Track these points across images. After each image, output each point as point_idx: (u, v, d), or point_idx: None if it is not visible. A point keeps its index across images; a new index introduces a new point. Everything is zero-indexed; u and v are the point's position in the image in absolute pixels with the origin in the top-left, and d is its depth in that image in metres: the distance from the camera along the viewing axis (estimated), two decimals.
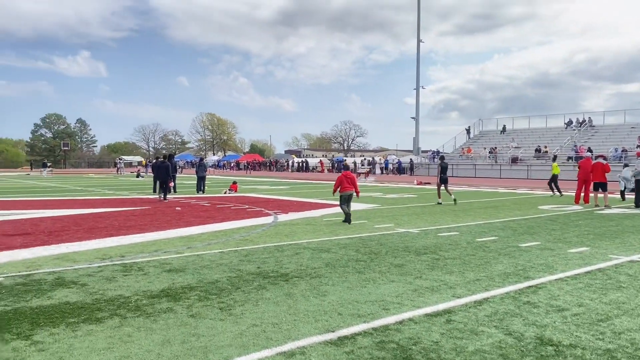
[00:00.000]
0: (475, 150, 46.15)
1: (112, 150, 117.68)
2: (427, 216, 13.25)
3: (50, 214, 13.38)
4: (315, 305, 5.08)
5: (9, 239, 9.31)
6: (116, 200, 18.32)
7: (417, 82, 52.20)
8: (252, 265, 7.00)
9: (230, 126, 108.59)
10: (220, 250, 8.10)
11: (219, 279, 6.15)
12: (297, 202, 17.47)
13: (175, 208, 15.23)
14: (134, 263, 7.12)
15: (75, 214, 13.60)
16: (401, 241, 9.13)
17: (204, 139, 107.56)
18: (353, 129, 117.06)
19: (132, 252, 7.96)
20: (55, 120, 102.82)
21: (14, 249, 8.26)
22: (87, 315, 4.71)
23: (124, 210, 14.53)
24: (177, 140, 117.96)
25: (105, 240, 9.12)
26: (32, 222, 11.68)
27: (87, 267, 6.84)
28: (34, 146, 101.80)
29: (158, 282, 6.00)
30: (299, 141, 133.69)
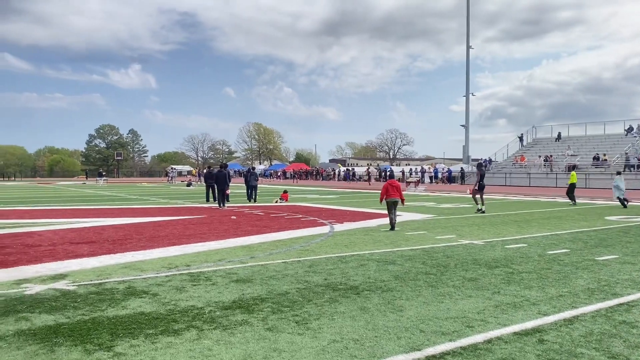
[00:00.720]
0: (529, 159, 44.71)
1: (162, 159, 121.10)
2: (489, 227, 12.77)
3: (111, 223, 13.69)
4: (394, 320, 4.86)
5: (76, 246, 9.52)
6: (172, 209, 18.63)
7: (467, 89, 51.18)
8: (318, 276, 6.84)
9: (276, 135, 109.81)
10: (284, 261, 7.99)
11: (288, 291, 6.02)
12: (350, 212, 17.27)
13: (231, 217, 15.31)
14: (201, 273, 7.10)
15: (135, 222, 13.86)
16: (468, 253, 8.78)
17: (250, 148, 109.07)
18: (399, 138, 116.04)
19: (196, 261, 7.96)
20: (108, 131, 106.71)
21: (82, 257, 8.41)
22: (164, 327, 4.66)
23: (181, 219, 14.72)
24: (224, 149, 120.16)
25: (168, 249, 9.19)
26: (95, 231, 11.96)
27: (156, 277, 6.86)
28: (88, 156, 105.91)
29: (228, 293, 5.92)
30: (344, 150, 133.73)
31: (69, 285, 6.34)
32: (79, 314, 5.07)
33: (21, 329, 4.60)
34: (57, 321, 4.82)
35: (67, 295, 5.80)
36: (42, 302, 5.50)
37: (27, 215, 16.04)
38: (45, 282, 6.53)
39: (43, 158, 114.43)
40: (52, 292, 5.95)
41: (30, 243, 9.93)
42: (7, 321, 4.83)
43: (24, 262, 7.93)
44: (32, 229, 12.24)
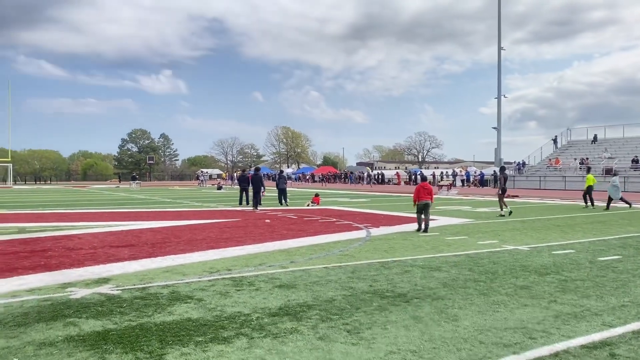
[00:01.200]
0: (564, 161, 43.58)
1: (192, 163, 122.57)
2: (531, 232, 12.37)
3: (148, 226, 13.76)
4: (450, 331, 4.64)
5: (116, 250, 9.56)
6: (206, 212, 18.70)
7: (499, 91, 50.23)
8: (363, 283, 6.65)
9: (304, 139, 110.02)
10: (325, 266, 7.83)
11: (334, 297, 5.85)
12: (385, 216, 17.02)
13: (265, 220, 15.25)
14: (243, 277, 6.99)
15: (171, 225, 13.91)
16: (514, 260, 8.46)
17: (278, 151, 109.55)
18: (428, 140, 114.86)
19: (237, 266, 7.86)
20: (140, 135, 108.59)
21: (124, 260, 8.42)
22: (213, 334, 4.54)
23: (217, 222, 14.72)
24: (253, 153, 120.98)
25: (207, 253, 9.13)
26: (133, 234, 12.02)
27: (198, 281, 6.78)
28: (121, 160, 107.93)
29: (273, 299, 5.79)
30: (371, 153, 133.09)
31: (113, 289, 6.31)
32: (126, 319, 5.00)
33: (70, 334, 4.55)
34: (105, 327, 4.76)
35: (112, 300, 5.76)
36: (88, 307, 5.46)
37: (66, 218, 16.29)
38: (89, 286, 6.52)
39: (77, 162, 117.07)
40: (97, 297, 5.92)
41: (71, 246, 10.01)
42: (56, 326, 4.79)
43: (67, 265, 7.97)
44: (71, 232, 12.38)
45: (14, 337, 4.47)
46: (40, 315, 5.14)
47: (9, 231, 12.50)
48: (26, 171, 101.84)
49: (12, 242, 10.52)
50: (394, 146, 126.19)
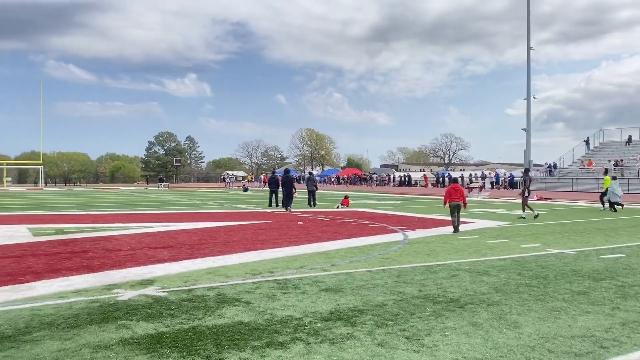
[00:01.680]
0: (597, 163, 42.52)
1: (217, 165, 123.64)
2: (573, 235, 12.00)
3: (182, 227, 13.80)
4: (514, 338, 4.44)
5: (155, 251, 9.55)
6: (237, 214, 18.70)
7: (528, 92, 49.25)
8: (411, 287, 6.47)
9: (328, 141, 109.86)
10: (368, 269, 7.67)
11: (385, 302, 5.69)
12: (418, 218, 16.76)
13: (298, 222, 15.15)
14: (287, 280, 6.88)
15: (205, 227, 13.92)
16: (563, 264, 8.17)
17: (302, 154, 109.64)
18: (454, 142, 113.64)
19: (278, 268, 7.76)
20: (167, 138, 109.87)
21: (164, 262, 8.40)
22: (268, 339, 4.43)
23: (250, 224, 14.69)
24: (277, 155, 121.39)
25: (246, 255, 9.06)
26: (169, 235, 12.04)
27: (243, 283, 6.69)
28: (148, 162, 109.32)
29: (322, 303, 5.66)
30: (395, 155, 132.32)
31: (159, 291, 6.26)
32: (178, 322, 4.92)
33: (124, 337, 4.49)
34: (157, 330, 4.69)
35: (160, 302, 5.70)
36: (137, 309, 5.41)
37: (101, 219, 16.46)
38: (134, 287, 6.48)
39: (105, 164, 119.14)
40: (144, 299, 5.87)
41: (110, 247, 10.06)
42: (108, 328, 4.74)
43: (109, 266, 7.97)
44: (108, 233, 12.47)
45: (69, 339, 4.43)
46: (91, 317, 5.11)
47: (48, 232, 12.65)
48: (55, 173, 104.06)
49: (52, 243, 10.63)
50: (419, 148, 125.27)
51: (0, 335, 4.57)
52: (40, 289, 6.44)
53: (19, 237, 11.71)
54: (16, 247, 10.15)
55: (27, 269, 7.79)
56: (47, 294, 6.16)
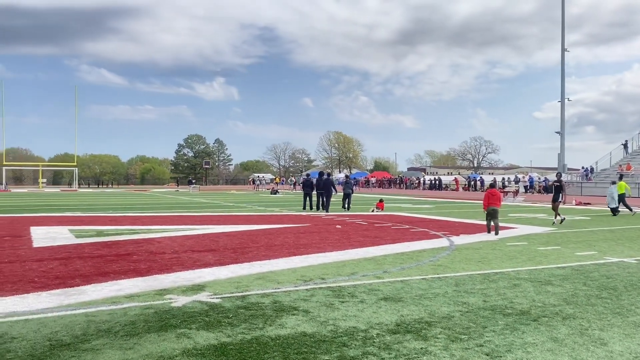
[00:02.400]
0: (636, 167, 41.13)
1: (245, 167, 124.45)
2: (628, 242, 11.45)
3: (220, 230, 13.68)
4: (605, 357, 4.08)
5: (199, 255, 9.42)
6: (273, 217, 18.55)
7: (562, 94, 48.05)
8: (475, 297, 6.14)
9: (355, 144, 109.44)
10: (422, 277, 7.36)
11: (451, 314, 5.38)
12: (459, 223, 16.32)
13: (336, 226, 14.90)
14: (341, 287, 6.62)
15: (244, 230, 13.78)
16: (628, 274, 7.72)
17: (330, 156, 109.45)
18: (484, 145, 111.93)
19: (329, 274, 7.51)
20: (196, 141, 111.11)
21: (211, 266, 8.24)
22: (339, 352, 4.17)
23: (288, 227, 14.50)
24: (304, 158, 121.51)
25: (292, 259, 8.84)
26: (209, 238, 11.92)
27: (296, 290, 6.46)
28: (177, 164, 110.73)
29: (384, 313, 5.38)
30: (422, 158, 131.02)
31: (212, 297, 6.07)
32: (239, 332, 4.71)
33: (186, 347, 4.29)
34: (219, 340, 4.48)
35: (215, 310, 5.51)
36: (194, 317, 5.22)
37: (139, 221, 16.50)
38: (186, 293, 6.32)
39: (135, 166, 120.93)
40: (198, 305, 5.69)
41: (154, 250, 9.97)
42: (168, 337, 4.55)
43: (156, 270, 7.85)
44: (148, 235, 12.42)
45: (130, 349, 4.26)
46: (149, 325, 4.94)
47: (89, 234, 12.68)
48: (88, 175, 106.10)
49: (96, 245, 10.60)
50: (447, 151, 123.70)
51: (58, 342, 4.43)
52: (92, 293, 6.32)
53: (62, 238, 11.75)
54: (61, 249, 10.15)
55: (75, 272, 7.72)
56: (99, 298, 6.04)
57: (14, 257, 9.14)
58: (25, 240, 11.51)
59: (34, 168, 75.52)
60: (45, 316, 5.27)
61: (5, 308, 5.58)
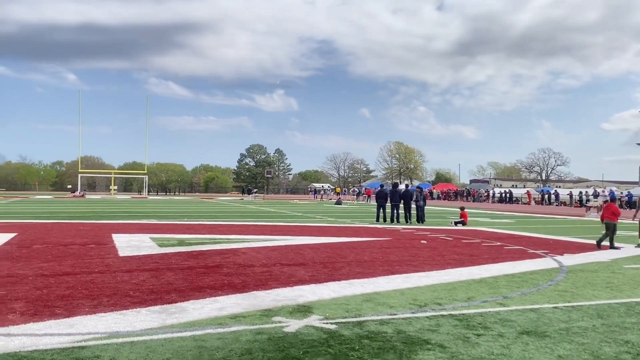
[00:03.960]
0: None
1: (303, 177, 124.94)
2: None
3: (301, 242, 13.13)
4: None
5: (290, 269, 8.85)
6: (348, 229, 17.87)
7: None
8: (634, 334, 5.18)
9: (417, 154, 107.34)
10: (553, 305, 6.42)
11: (619, 356, 4.47)
12: (554, 241, 15.00)
13: (421, 241, 14.02)
14: (466, 316, 5.81)
15: (325, 242, 13.16)
16: None
17: (390, 167, 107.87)
18: (553, 157, 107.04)
19: (442, 299, 6.72)
20: (257, 150, 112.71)
21: (307, 282, 7.63)
22: None
23: (369, 241, 13.77)
24: (362, 168, 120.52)
25: (393, 279, 8.09)
26: (293, 250, 11.37)
27: (416, 318, 5.72)
28: (239, 173, 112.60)
29: (536, 352, 4.54)
30: (486, 170, 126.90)
31: (325, 322, 5.43)
32: None
33: None
34: None
35: (335, 338, 4.85)
36: (315, 347, 4.58)
37: (215, 230, 16.25)
38: (294, 315, 5.71)
39: (199, 175, 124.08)
40: (314, 332, 5.06)
41: (241, 262, 9.50)
42: None
43: (252, 286, 7.32)
44: (230, 245, 12.03)
45: None
46: (268, 356, 4.34)
47: (171, 243, 12.46)
48: (154, 183, 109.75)
49: (181, 255, 10.28)
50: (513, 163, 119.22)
51: None
52: (192, 311, 5.84)
53: (146, 247, 11.55)
54: (147, 259, 9.88)
55: (168, 285, 7.31)
56: (202, 318, 5.53)
57: (103, 266, 8.91)
58: (109, 248, 11.39)
59: (107, 175, 78.76)
60: (150, 338, 4.80)
61: (107, 327, 5.16)
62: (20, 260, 9.39)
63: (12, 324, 5.21)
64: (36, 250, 10.87)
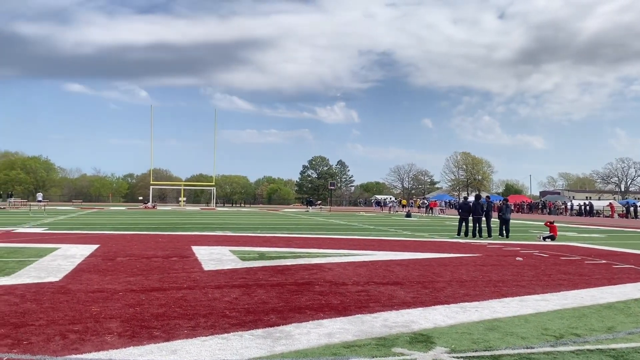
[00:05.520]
0: None
1: (365, 189, 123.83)
2: None
3: (386, 257, 12.39)
4: None
5: (386, 288, 8.15)
6: (430, 244, 16.94)
7: None
8: None
9: (485, 165, 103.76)
10: None
11: None
12: None
13: (516, 258, 12.92)
14: (620, 352, 4.90)
15: (411, 258, 12.36)
16: None
17: (457, 178, 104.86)
18: (632, 167, 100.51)
19: (577, 328, 5.80)
20: (319, 162, 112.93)
21: (412, 305, 6.91)
22: None
23: (458, 257, 12.83)
24: (426, 180, 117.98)
25: (506, 302, 7.22)
26: (382, 267, 10.67)
27: (558, 352, 4.87)
28: (302, 185, 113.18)
29: None
30: (556, 181, 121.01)
31: (454, 356, 4.70)
32: None
33: None
34: None
35: None
36: None
37: (293, 243, 15.79)
38: (414, 346, 5.01)
39: (262, 187, 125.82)
40: None
41: (331, 279, 8.91)
42: None
43: (354, 308, 6.69)
44: (313, 260, 11.49)
45: None
46: None
47: (252, 256, 12.08)
48: (219, 194, 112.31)
49: (267, 271, 9.82)
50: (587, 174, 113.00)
51: None
52: (299, 337, 5.27)
53: (228, 261, 11.21)
54: (233, 273, 9.48)
55: (264, 304, 6.81)
56: (313, 347, 4.95)
57: (191, 281, 8.57)
58: (192, 261, 11.13)
59: (177, 188, 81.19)
60: None
61: (212, 354, 4.68)
62: (107, 274, 9.24)
63: (112, 347, 4.84)
64: (121, 263, 10.76)
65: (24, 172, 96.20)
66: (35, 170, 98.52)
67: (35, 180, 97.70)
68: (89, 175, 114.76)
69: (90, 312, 6.21)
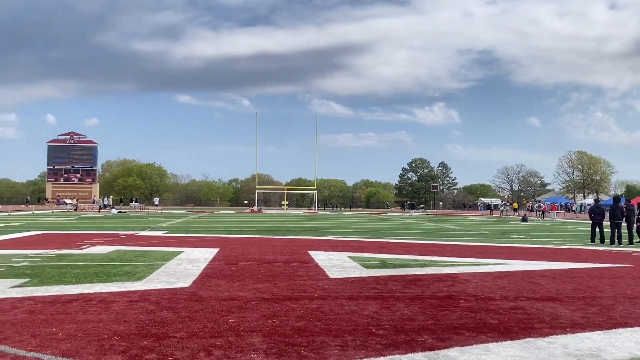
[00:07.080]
0: None
1: (469, 191, 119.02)
2: None
3: (522, 267, 11.16)
4: None
5: (544, 305, 7.09)
6: (566, 251, 15.26)
7: None
8: None
9: (604, 165, 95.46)
10: None
11: None
12: None
13: None
14: None
15: (553, 268, 11.01)
16: None
17: (572, 179, 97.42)
18: None
19: None
20: (420, 165, 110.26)
21: (584, 328, 5.84)
22: None
23: (608, 267, 11.26)
24: (536, 181, 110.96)
25: None
26: (524, 279, 9.52)
27: None
28: (401, 188, 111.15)
29: None
30: None
31: None
32: None
33: None
34: None
35: None
36: None
37: (411, 250, 14.92)
38: None
39: (359, 190, 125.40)
40: None
41: (472, 292, 8.00)
42: None
43: (517, 329, 5.76)
44: (441, 269, 10.60)
45: None
46: None
47: (373, 264, 11.42)
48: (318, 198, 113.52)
49: (396, 280, 9.11)
50: None
51: None
52: None
53: (351, 268, 10.65)
54: (361, 282, 8.88)
55: (410, 321, 6.09)
56: None
57: (321, 290, 8.08)
58: (314, 267, 10.70)
59: (280, 192, 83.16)
60: None
61: None
62: (234, 280, 9.03)
63: None
64: (244, 267, 10.58)
65: (140, 178, 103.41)
66: (150, 176, 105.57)
67: (150, 185, 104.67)
68: (198, 180, 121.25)
69: (229, 324, 5.87)
